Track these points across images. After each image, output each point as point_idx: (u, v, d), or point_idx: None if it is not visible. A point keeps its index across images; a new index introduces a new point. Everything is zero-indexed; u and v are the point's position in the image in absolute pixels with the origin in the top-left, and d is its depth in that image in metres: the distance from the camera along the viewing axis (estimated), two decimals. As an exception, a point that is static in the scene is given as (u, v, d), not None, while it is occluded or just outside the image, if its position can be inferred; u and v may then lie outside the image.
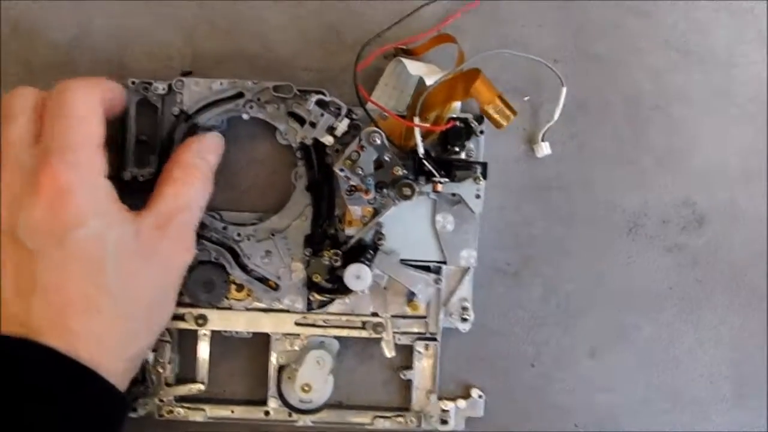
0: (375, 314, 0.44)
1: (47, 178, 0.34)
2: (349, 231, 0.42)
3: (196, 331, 0.44)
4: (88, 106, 0.36)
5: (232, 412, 0.44)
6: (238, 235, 0.43)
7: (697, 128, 0.46)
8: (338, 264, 0.42)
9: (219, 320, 0.44)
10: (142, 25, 0.44)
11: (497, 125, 0.39)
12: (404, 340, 0.44)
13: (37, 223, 0.34)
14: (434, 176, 0.40)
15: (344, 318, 0.44)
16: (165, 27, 0.44)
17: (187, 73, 0.43)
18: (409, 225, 0.43)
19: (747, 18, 0.46)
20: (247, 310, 0.44)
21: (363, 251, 0.42)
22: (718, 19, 0.46)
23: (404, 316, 0.44)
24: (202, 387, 0.44)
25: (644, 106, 0.46)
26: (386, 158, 0.39)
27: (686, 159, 0.46)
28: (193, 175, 0.39)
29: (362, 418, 0.45)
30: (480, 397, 0.45)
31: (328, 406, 0.45)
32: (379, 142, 0.39)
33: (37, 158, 0.34)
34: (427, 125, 0.40)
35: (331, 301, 0.44)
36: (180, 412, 0.44)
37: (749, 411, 0.47)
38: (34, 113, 0.36)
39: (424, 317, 0.44)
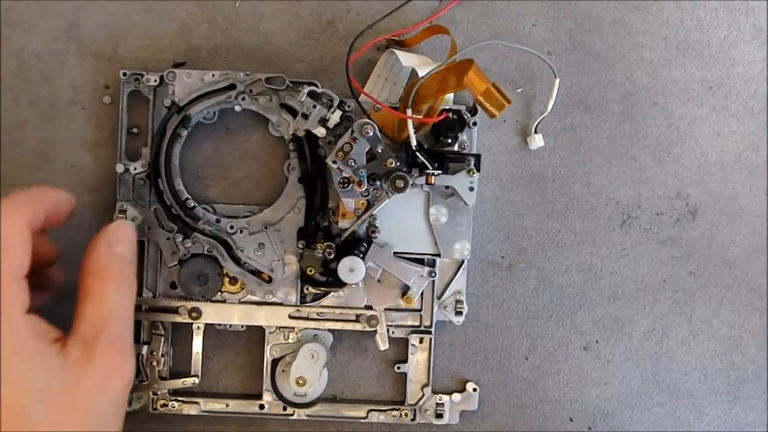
0: (369, 307, 0.44)
1: None
2: (342, 224, 0.42)
3: (189, 325, 0.44)
4: (8, 233, 0.33)
5: (227, 405, 0.44)
6: (231, 227, 0.43)
7: (693, 123, 0.46)
8: (332, 257, 0.42)
9: (213, 313, 0.44)
10: (135, 16, 0.44)
11: (491, 115, 0.38)
12: (398, 333, 0.44)
13: None
14: (427, 168, 0.40)
15: (338, 311, 0.44)
16: (158, 18, 0.44)
17: (179, 65, 0.43)
18: (403, 217, 0.43)
19: (745, 15, 0.46)
20: (241, 303, 0.44)
21: (356, 244, 0.42)
22: (716, 16, 0.46)
23: (398, 309, 0.44)
24: (196, 380, 0.44)
25: (640, 100, 0.46)
26: (379, 150, 0.39)
27: (680, 152, 0.46)
28: (107, 279, 0.36)
29: (357, 412, 0.45)
30: (474, 390, 0.45)
31: (323, 399, 0.45)
32: (371, 133, 0.39)
33: None
34: (420, 117, 0.40)
35: (325, 294, 0.43)
36: (174, 405, 0.44)
37: (743, 404, 0.47)
38: None
39: (418, 310, 0.44)
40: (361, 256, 0.42)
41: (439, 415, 0.45)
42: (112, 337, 0.35)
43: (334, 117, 0.41)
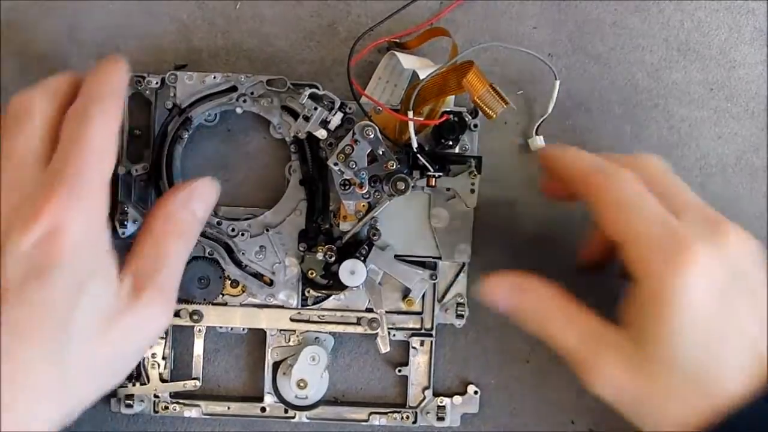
0: (370, 310, 0.44)
1: (49, 208, 0.30)
2: (343, 226, 0.42)
3: (190, 328, 0.44)
4: (107, 138, 0.33)
5: (228, 408, 0.44)
6: (232, 230, 0.43)
7: (693, 125, 0.46)
8: (333, 259, 0.42)
9: (214, 316, 0.43)
10: (136, 18, 0.44)
11: (488, 116, 0.38)
12: (399, 336, 0.44)
13: (21, 255, 0.30)
14: (428, 170, 0.40)
15: (339, 314, 0.44)
16: (159, 20, 0.44)
17: (180, 67, 0.43)
18: (404, 220, 0.43)
19: (746, 17, 0.46)
20: (242, 306, 0.44)
21: (358, 246, 0.42)
22: (717, 18, 0.46)
23: (399, 312, 0.44)
24: (197, 383, 0.44)
25: (641, 102, 0.46)
26: (380, 152, 0.39)
27: (681, 154, 0.46)
28: (174, 231, 0.36)
29: (358, 415, 0.45)
30: (476, 393, 0.45)
31: (324, 402, 0.45)
32: (372, 135, 0.39)
33: (43, 182, 0.31)
34: (421, 119, 0.40)
35: (326, 296, 0.43)
36: (175, 408, 0.44)
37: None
38: (49, 124, 0.33)
39: (420, 313, 0.44)
40: (362, 258, 0.42)
41: (441, 418, 0.45)
42: (162, 282, 0.35)
43: (336, 119, 0.41)
